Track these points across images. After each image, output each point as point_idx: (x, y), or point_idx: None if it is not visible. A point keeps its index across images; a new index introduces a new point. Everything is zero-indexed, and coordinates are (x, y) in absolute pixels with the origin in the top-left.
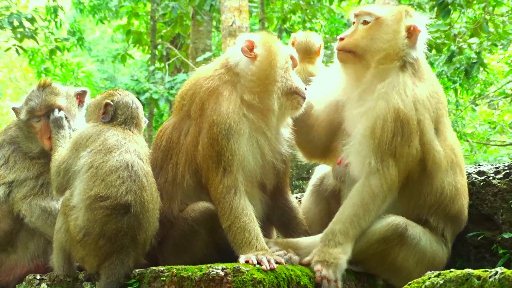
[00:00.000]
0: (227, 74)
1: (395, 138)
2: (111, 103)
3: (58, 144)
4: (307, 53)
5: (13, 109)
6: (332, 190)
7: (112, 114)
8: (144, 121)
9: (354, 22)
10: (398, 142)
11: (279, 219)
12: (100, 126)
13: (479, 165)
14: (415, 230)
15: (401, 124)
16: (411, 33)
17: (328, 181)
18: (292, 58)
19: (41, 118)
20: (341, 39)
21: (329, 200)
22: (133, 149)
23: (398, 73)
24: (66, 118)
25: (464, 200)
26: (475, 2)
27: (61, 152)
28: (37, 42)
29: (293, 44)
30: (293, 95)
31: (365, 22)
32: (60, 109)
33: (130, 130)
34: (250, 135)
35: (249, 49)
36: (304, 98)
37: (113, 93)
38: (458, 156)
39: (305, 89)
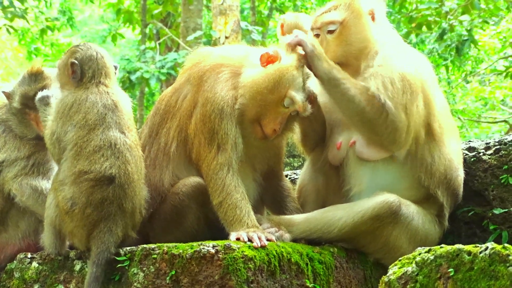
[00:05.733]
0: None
1: (405, 95)
2: (75, 61)
3: (47, 120)
4: None
5: (4, 93)
6: (330, 164)
7: (81, 71)
8: (114, 66)
9: (317, 35)
10: (408, 100)
11: (271, 198)
12: (76, 93)
13: (469, 141)
14: (409, 209)
15: (408, 83)
16: (373, 16)
17: (327, 156)
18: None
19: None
20: None
21: (328, 174)
22: (114, 122)
23: (383, 49)
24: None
25: (462, 172)
26: None
27: (49, 125)
28: (27, 21)
29: (282, 26)
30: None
31: (331, 32)
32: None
33: (101, 83)
34: (238, 122)
35: (267, 60)
36: (266, 138)
37: (75, 50)
38: (454, 123)
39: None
